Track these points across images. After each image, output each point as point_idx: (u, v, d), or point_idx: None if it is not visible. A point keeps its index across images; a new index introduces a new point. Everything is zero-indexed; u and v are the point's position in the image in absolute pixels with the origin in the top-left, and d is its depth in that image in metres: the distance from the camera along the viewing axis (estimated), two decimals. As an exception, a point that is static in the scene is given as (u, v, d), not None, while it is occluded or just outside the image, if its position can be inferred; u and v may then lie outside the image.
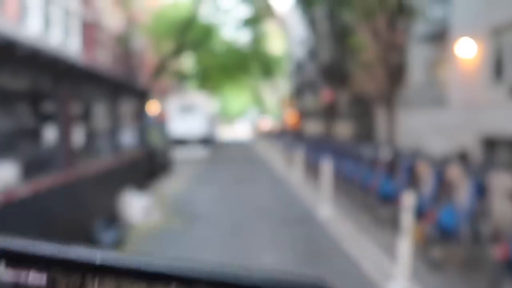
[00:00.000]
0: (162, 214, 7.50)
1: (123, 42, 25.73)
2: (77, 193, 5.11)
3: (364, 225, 6.70)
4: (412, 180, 7.50)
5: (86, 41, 22.39)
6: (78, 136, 6.18)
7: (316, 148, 14.92)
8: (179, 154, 22.67)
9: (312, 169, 12.60)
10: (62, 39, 19.56)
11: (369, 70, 14.47)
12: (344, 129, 27.40)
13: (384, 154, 8.35)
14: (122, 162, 7.28)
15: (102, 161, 6.44)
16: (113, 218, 5.85)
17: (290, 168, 14.37)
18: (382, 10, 12.21)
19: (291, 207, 8.17)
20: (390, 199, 7.11)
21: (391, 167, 7.60)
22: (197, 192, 9.89)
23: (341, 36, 20.78)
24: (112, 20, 26.08)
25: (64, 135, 4.69)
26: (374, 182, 7.38)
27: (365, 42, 15.48)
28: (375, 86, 26.00)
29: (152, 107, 30.97)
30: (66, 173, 4.69)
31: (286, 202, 8.76)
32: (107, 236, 5.22)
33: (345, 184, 9.08)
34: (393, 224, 6.79)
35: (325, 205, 7.69)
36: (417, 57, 18.42)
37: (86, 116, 6.57)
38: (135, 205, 7.07)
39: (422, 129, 17.44)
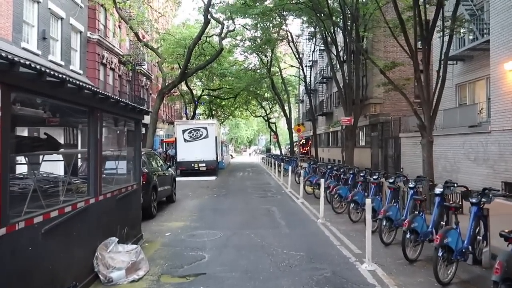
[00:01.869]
0: (153, 268, 5.73)
1: (129, 63, 24.51)
2: (21, 252, 3.42)
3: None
4: (486, 230, 5.69)
5: (89, 59, 21.19)
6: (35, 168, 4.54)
7: (336, 177, 13.13)
8: (186, 180, 21.04)
9: (332, 202, 10.81)
10: (62, 56, 18.33)
11: (398, 92, 12.77)
12: (362, 157, 25.56)
13: (437, 191, 6.54)
14: (104, 201, 5.60)
15: (71, 202, 4.75)
16: (82, 285, 4.11)
17: (308, 200, 12.55)
18: (418, 25, 10.60)
19: (322, 257, 6.35)
20: (458, 255, 5.27)
21: (455, 211, 5.76)
22: (200, 233, 8.11)
23: (358, 56, 19.25)
24: (117, 40, 24.99)
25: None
26: (435, 232, 5.58)
27: (391, 62, 13.89)
28: (402, 109, 24.22)
29: (156, 131, 29.59)
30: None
31: (314, 248, 6.94)
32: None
33: (387, 229, 7.25)
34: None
35: (367, 256, 5.88)
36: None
37: (50, 141, 4.96)
38: (118, 260, 5.33)
39: (454, 157, 15.56)
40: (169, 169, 12.68)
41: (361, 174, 10.87)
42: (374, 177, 9.85)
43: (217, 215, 10.23)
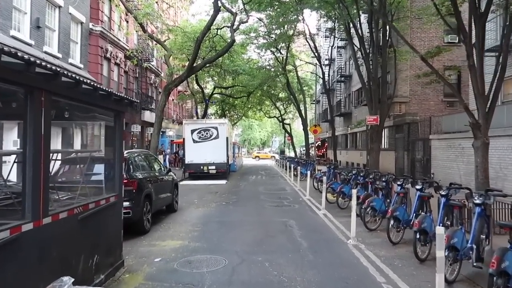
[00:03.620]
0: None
1: (134, 57, 22.94)
2: None
3: None
4: None
5: (91, 53, 19.69)
6: None
7: (364, 185, 11.26)
8: (194, 184, 19.38)
9: (363, 216, 8.91)
10: (60, 48, 16.81)
11: (425, 89, 10.83)
12: (385, 160, 23.46)
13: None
14: (54, 225, 3.87)
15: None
16: None
17: (332, 211, 10.68)
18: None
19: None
20: None
21: None
22: (199, 259, 6.31)
23: (385, 48, 17.23)
24: (123, 34, 23.47)
25: None
26: None
27: (436, 47, 11.86)
28: (429, 109, 22.07)
29: (166, 132, 27.79)
30: None
31: (349, 280, 5.09)
32: None
33: (451, 260, 5.36)
34: None
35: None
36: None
37: None
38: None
39: (499, 162, 13.47)
40: (170, 172, 10.94)
41: (398, 183, 8.95)
42: (418, 186, 7.92)
43: (223, 231, 8.42)
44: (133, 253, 6.66)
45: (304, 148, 44.21)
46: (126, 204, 7.53)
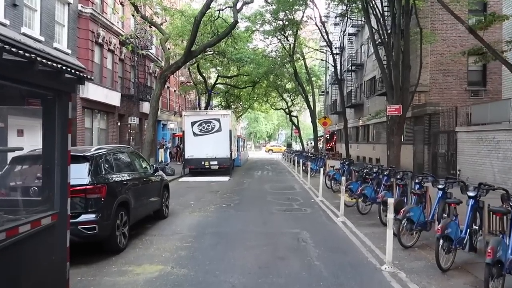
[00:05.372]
0: None
1: (130, 43, 21.11)
2: None
3: None
4: None
5: (80, 37, 17.89)
6: None
7: (389, 187, 9.43)
8: (194, 181, 17.73)
9: (398, 230, 7.07)
10: (42, 30, 15.03)
11: (447, 77, 8.90)
12: (402, 154, 21.44)
13: None
14: None
15: None
16: None
17: (352, 218, 8.87)
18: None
19: None
20: None
21: None
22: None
23: (408, 27, 15.27)
24: (118, 17, 21.63)
25: None
26: None
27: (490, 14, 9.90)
28: (451, 99, 20.09)
29: (167, 124, 25.75)
30: None
31: None
32: None
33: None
34: None
35: None
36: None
37: None
38: None
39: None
40: (158, 172, 9.15)
41: (440, 186, 7.09)
42: (471, 193, 6.06)
43: (219, 249, 6.62)
44: (92, 286, 4.89)
45: (312, 141, 42.31)
46: (90, 217, 5.80)
